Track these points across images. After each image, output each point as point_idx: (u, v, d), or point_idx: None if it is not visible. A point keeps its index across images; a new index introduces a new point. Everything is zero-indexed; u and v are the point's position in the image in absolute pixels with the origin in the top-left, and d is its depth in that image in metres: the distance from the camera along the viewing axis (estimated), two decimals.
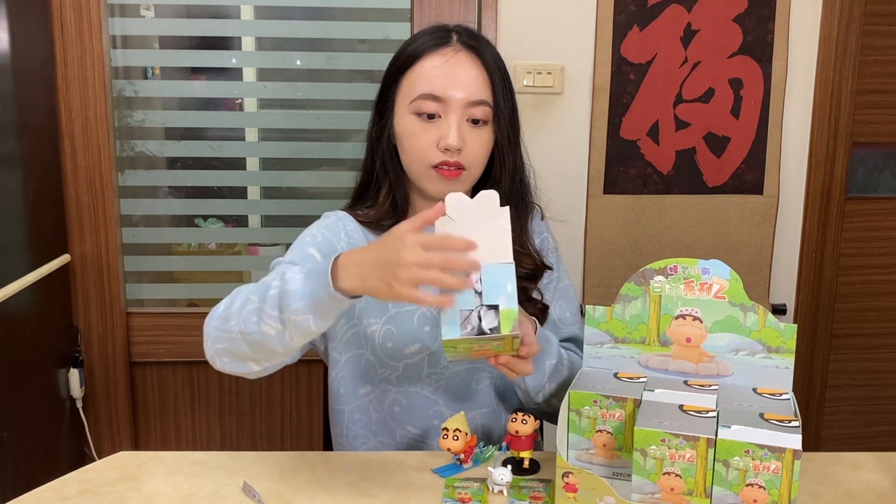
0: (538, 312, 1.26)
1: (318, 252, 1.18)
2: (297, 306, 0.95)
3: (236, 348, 1.04)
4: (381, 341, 1.23)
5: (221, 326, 1.04)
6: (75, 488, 1.05)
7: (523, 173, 1.26)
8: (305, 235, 1.22)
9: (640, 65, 2.09)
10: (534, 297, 1.27)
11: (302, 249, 1.18)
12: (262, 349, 1.02)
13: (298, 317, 0.95)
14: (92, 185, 2.05)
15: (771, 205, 2.18)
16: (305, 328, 0.97)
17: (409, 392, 1.25)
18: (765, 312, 1.01)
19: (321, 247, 1.19)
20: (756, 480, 0.87)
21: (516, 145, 1.23)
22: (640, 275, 1.05)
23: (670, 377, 1.05)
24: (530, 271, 1.26)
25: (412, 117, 1.16)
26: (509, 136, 1.20)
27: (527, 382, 1.19)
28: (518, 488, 1.05)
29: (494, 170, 1.22)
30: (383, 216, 1.24)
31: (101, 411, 2.17)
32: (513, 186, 1.23)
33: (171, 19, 2.13)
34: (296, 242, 1.21)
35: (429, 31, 1.20)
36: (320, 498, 1.03)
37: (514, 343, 0.98)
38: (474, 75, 1.16)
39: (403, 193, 1.24)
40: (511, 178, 1.23)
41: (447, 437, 1.07)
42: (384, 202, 1.24)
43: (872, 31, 2.15)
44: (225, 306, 1.06)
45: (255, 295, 1.00)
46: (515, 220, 1.20)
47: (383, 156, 1.22)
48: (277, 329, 0.98)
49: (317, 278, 0.95)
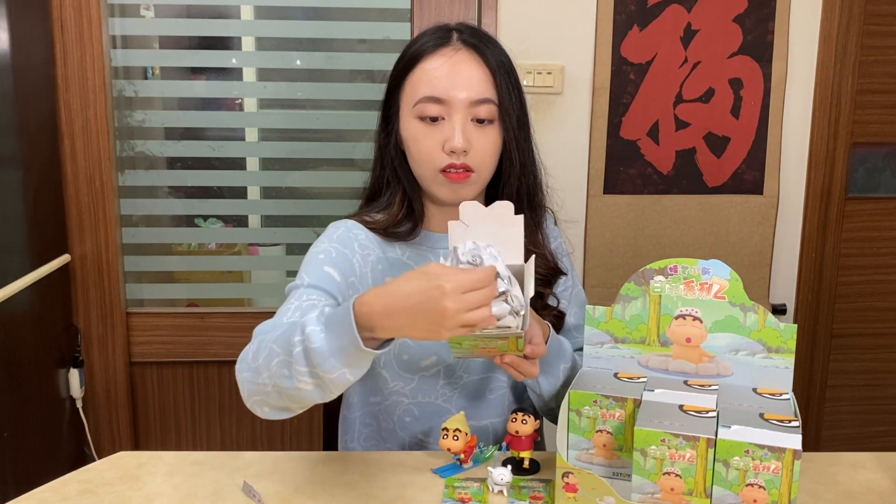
0: (554, 319, 1.23)
1: (336, 270, 1.13)
2: (329, 365, 0.89)
3: (273, 401, 0.98)
4: (397, 353, 1.20)
5: (254, 379, 0.97)
6: (75, 488, 1.05)
7: (535, 172, 1.21)
8: (318, 252, 1.16)
9: (640, 65, 2.09)
10: (550, 304, 1.25)
11: (318, 269, 1.13)
12: (301, 401, 0.96)
13: (333, 374, 0.90)
14: (92, 185, 2.05)
15: (771, 205, 2.18)
16: (342, 381, 0.91)
17: (423, 403, 1.23)
18: (765, 312, 1.01)
19: (337, 264, 1.14)
20: (756, 480, 0.87)
21: (526, 143, 1.18)
22: (640, 275, 1.05)
23: (670, 377, 1.05)
24: (545, 276, 1.23)
25: (416, 122, 1.13)
26: (517, 134, 1.15)
27: (542, 387, 1.18)
28: (518, 488, 1.05)
29: (503, 169, 1.18)
30: (397, 223, 1.19)
31: (101, 411, 2.17)
32: (522, 186, 1.19)
33: (171, 19, 2.13)
34: (308, 260, 1.15)
35: (430, 31, 1.17)
36: (320, 498, 1.03)
37: (519, 343, 0.97)
38: (476, 74, 1.12)
39: (419, 200, 1.20)
40: (520, 178, 1.18)
41: (447, 437, 1.07)
42: (398, 209, 1.19)
43: (872, 31, 2.15)
44: (253, 354, 0.98)
45: (279, 346, 0.93)
46: (529, 220, 1.18)
47: (392, 162, 1.18)
48: (313, 383, 0.92)
49: (341, 332, 0.88)
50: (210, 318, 2.17)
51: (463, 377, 1.22)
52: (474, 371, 1.23)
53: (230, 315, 2.18)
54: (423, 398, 1.22)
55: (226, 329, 2.17)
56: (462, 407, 1.23)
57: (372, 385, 1.24)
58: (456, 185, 1.12)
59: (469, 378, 1.23)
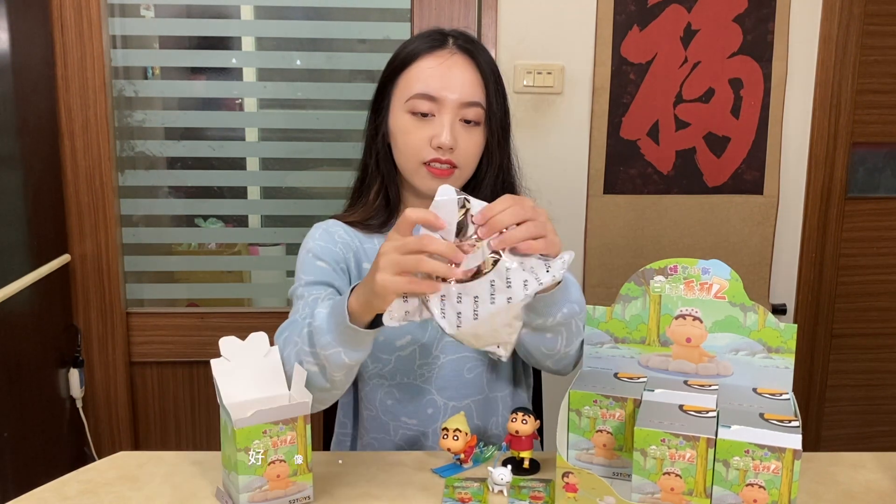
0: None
1: (325, 262, 1.21)
2: (325, 341, 1.00)
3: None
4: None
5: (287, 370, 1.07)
6: (75, 488, 1.05)
7: (509, 174, 1.27)
8: (306, 252, 1.23)
9: (640, 65, 2.09)
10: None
11: (311, 266, 1.21)
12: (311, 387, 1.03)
13: (328, 350, 1.00)
14: (92, 185, 2.05)
15: (771, 205, 2.18)
16: (338, 361, 1.01)
17: (402, 384, 1.26)
18: (765, 312, 1.01)
19: (323, 255, 1.22)
20: (756, 480, 0.87)
21: (505, 146, 1.25)
22: (640, 275, 1.05)
23: (670, 377, 1.05)
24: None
25: (407, 115, 1.19)
26: (499, 138, 1.22)
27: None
28: (518, 488, 1.05)
29: (481, 168, 1.24)
30: (373, 214, 1.26)
31: (101, 411, 2.17)
32: (497, 186, 1.25)
33: (171, 19, 2.13)
34: (300, 263, 1.23)
35: (426, 34, 1.23)
36: (320, 498, 1.03)
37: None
38: (469, 78, 1.18)
39: (395, 191, 1.26)
40: (496, 178, 1.25)
41: (447, 437, 1.07)
42: (374, 200, 1.26)
43: (872, 31, 2.15)
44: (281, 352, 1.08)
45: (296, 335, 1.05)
46: None
47: (377, 154, 1.25)
48: (315, 364, 1.02)
49: (337, 311, 0.98)
50: (210, 318, 2.17)
51: (440, 357, 1.25)
52: (449, 351, 1.25)
53: (230, 315, 2.18)
54: (401, 378, 1.25)
55: (226, 329, 2.15)
56: (439, 387, 1.26)
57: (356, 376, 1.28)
58: (438, 179, 1.17)
59: (446, 358, 1.25)
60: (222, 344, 1.03)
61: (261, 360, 1.04)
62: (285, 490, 0.99)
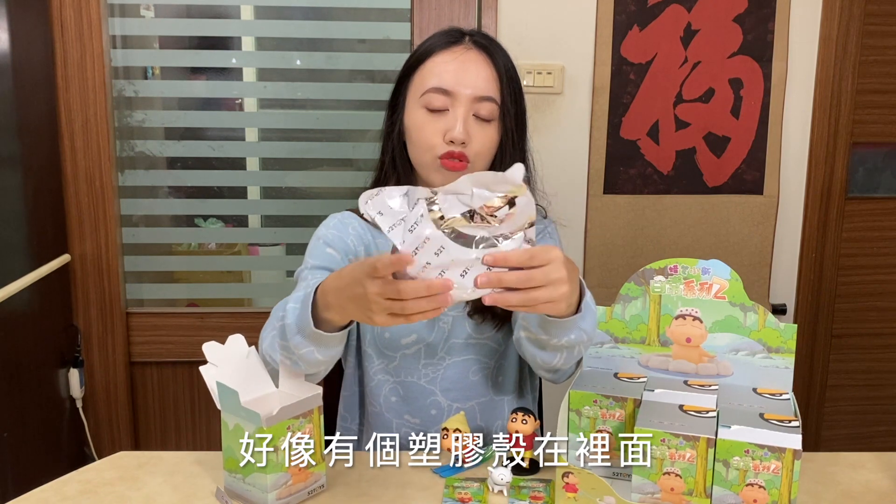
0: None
1: (335, 250, 1.21)
2: (297, 341, 0.99)
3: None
4: (380, 331, 1.24)
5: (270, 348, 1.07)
6: (75, 488, 1.05)
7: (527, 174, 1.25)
8: (318, 237, 1.24)
9: (640, 65, 2.09)
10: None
11: (320, 251, 1.21)
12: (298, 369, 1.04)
13: (301, 350, 0.99)
14: (92, 185, 2.05)
15: (771, 205, 2.18)
16: (312, 359, 1.01)
17: (406, 383, 1.26)
18: (765, 312, 1.01)
19: (334, 243, 1.22)
20: (756, 480, 0.87)
21: (521, 146, 1.24)
22: (640, 275, 1.05)
23: (670, 377, 1.05)
24: None
25: (421, 111, 1.19)
26: (514, 137, 1.22)
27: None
28: (518, 488, 1.05)
29: (494, 167, 1.23)
30: None
31: (101, 411, 2.17)
32: None
33: (171, 19, 2.13)
34: (310, 246, 1.24)
35: (444, 31, 1.23)
36: (320, 498, 1.03)
37: None
38: (483, 73, 1.18)
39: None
40: None
41: (447, 437, 1.07)
42: None
43: (872, 31, 2.15)
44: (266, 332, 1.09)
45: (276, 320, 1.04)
46: None
47: (393, 150, 1.25)
48: (288, 357, 1.03)
49: (305, 310, 0.97)
50: (210, 318, 2.17)
51: (445, 359, 1.25)
52: (455, 352, 1.25)
53: (230, 315, 2.18)
54: (405, 377, 1.25)
55: (226, 329, 2.14)
56: (444, 388, 1.25)
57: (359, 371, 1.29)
58: (451, 173, 1.17)
59: (451, 360, 1.25)
60: (207, 350, 1.03)
61: (244, 361, 1.05)
62: (305, 482, 1.00)
